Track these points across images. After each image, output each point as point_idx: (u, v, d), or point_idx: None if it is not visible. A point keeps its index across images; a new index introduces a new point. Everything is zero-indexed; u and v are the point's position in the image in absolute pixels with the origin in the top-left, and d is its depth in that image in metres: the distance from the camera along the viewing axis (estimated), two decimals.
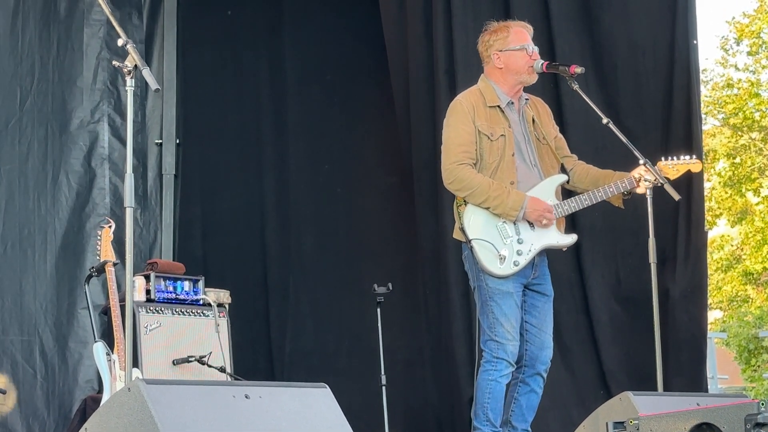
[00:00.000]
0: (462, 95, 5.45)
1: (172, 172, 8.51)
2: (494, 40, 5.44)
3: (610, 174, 5.46)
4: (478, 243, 5.22)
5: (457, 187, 5.24)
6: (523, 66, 5.38)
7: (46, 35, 7.80)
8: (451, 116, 5.37)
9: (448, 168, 5.27)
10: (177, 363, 6.65)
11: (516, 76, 5.39)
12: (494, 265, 5.20)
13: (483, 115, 5.32)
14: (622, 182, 5.37)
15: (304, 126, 8.31)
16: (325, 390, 4.10)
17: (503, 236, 5.23)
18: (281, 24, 8.46)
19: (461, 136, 5.28)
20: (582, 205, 5.36)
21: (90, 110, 8.00)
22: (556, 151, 5.49)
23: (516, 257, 5.22)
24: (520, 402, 5.35)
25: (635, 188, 5.39)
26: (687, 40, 6.68)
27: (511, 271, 5.21)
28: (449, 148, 5.30)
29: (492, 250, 5.21)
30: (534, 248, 5.26)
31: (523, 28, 5.48)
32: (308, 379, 5.25)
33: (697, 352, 6.55)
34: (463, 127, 5.29)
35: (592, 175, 5.51)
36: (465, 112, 5.31)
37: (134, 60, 4.36)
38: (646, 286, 5.83)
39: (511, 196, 5.19)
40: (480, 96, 5.38)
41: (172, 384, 3.87)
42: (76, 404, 7.22)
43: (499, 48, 5.41)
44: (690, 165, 5.59)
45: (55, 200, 7.70)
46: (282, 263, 8.22)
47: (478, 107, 5.33)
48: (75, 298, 7.61)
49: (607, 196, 5.38)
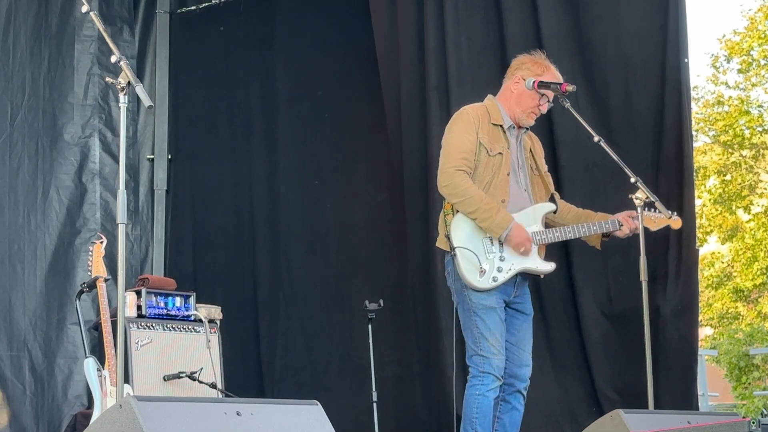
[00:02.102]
0: (469, 106, 5.49)
1: (163, 188, 8.53)
2: (528, 68, 5.47)
3: (592, 214, 5.55)
4: (462, 252, 5.23)
5: (450, 191, 5.26)
6: (528, 106, 5.42)
7: (38, 51, 7.81)
8: (456, 123, 5.41)
9: (445, 171, 5.29)
10: (168, 379, 6.64)
11: (518, 108, 5.43)
12: (473, 277, 5.22)
13: (486, 129, 5.36)
14: (606, 223, 5.43)
15: (295, 142, 8.31)
16: (317, 407, 4.10)
17: (487, 251, 5.26)
18: (273, 40, 8.47)
19: (463, 143, 5.31)
20: (564, 237, 5.42)
21: (81, 126, 8.00)
22: (547, 185, 5.55)
23: (496, 273, 5.24)
24: (503, 420, 5.36)
25: (617, 231, 5.42)
26: (678, 59, 6.69)
27: (488, 285, 5.23)
28: (449, 153, 5.32)
29: (474, 262, 5.23)
30: (514, 268, 5.29)
31: (558, 76, 5.49)
32: (298, 395, 5.25)
33: (688, 369, 6.55)
34: (466, 135, 5.32)
35: (574, 212, 5.59)
36: (470, 122, 5.35)
37: (127, 76, 4.36)
38: (636, 303, 5.83)
39: (500, 214, 5.22)
40: (486, 112, 5.43)
41: (164, 401, 3.86)
42: (66, 420, 7.20)
43: (525, 76, 5.44)
44: (670, 221, 5.62)
45: (45, 215, 7.69)
46: (272, 279, 8.22)
47: (483, 121, 5.37)
48: (65, 314, 7.60)
49: (590, 233, 5.43)
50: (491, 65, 7.08)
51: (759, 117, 24.44)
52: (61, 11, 7.97)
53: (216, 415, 3.75)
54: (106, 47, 7.96)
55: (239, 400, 4.14)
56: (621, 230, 5.43)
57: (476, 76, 7.12)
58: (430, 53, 7.25)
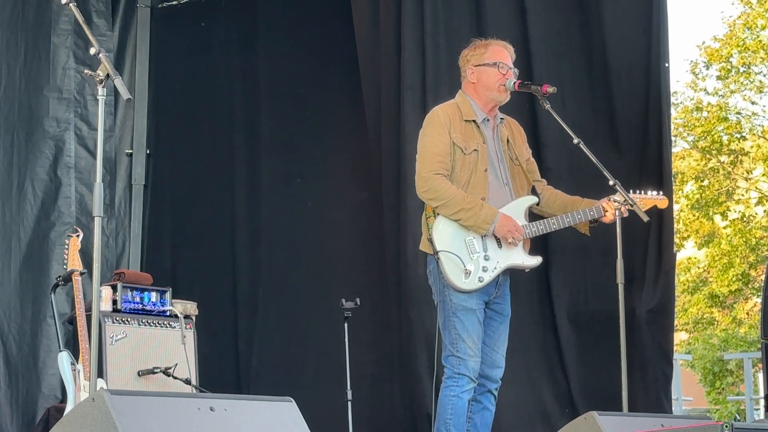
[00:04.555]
0: (439, 107, 5.47)
1: (141, 183, 8.50)
2: (471, 55, 5.49)
3: (579, 201, 5.49)
4: (445, 255, 5.22)
5: (430, 196, 5.24)
6: (494, 83, 5.39)
7: (14, 43, 7.76)
8: (428, 127, 5.38)
9: (423, 177, 5.27)
10: (142, 374, 6.61)
11: (487, 92, 5.41)
12: (459, 279, 5.21)
13: (458, 128, 5.33)
14: (590, 210, 5.39)
15: (276, 139, 8.30)
16: (290, 404, 4.08)
17: (470, 251, 5.23)
18: (255, 37, 8.46)
19: (437, 146, 5.28)
20: (549, 229, 5.39)
21: (56, 119, 7.96)
22: (527, 174, 5.51)
23: (481, 273, 5.22)
24: (475, 420, 5.35)
25: (602, 217, 5.41)
26: (659, 63, 6.72)
27: (474, 286, 5.21)
28: (425, 158, 5.30)
29: (458, 264, 5.21)
30: (499, 266, 5.28)
31: (503, 47, 5.51)
32: (274, 392, 5.22)
33: (663, 373, 6.57)
34: (439, 138, 5.30)
35: (561, 200, 5.54)
36: (441, 124, 5.33)
37: (106, 69, 4.34)
38: (612, 306, 5.84)
39: (484, 210, 5.20)
40: (457, 109, 5.40)
41: (137, 395, 3.84)
42: (40, 413, 7.16)
43: (475, 63, 5.45)
44: (657, 200, 5.63)
45: (20, 208, 7.65)
46: (251, 276, 8.20)
47: (455, 120, 5.35)
48: (39, 307, 7.56)
49: (575, 222, 5.40)
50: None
51: (737, 123, 24.57)
52: (37, 4, 7.91)
53: (189, 410, 3.74)
54: (83, 41, 7.95)
55: (213, 395, 4.12)
56: (606, 216, 5.40)
57: (454, 76, 7.12)
58: (406, 53, 7.24)
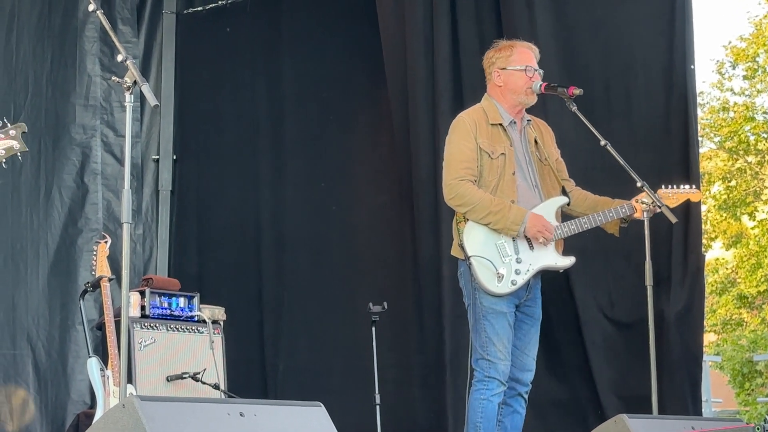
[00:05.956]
0: (465, 112, 5.46)
1: (168, 188, 8.52)
2: (497, 58, 5.47)
3: (609, 200, 5.48)
4: (477, 260, 5.20)
5: (458, 202, 5.24)
6: (522, 86, 5.38)
7: (41, 50, 7.81)
8: (454, 132, 5.38)
9: (449, 184, 5.26)
10: (171, 379, 6.63)
11: (514, 95, 5.40)
12: (492, 283, 5.19)
13: (485, 132, 5.32)
14: (622, 207, 5.38)
15: (300, 143, 8.30)
16: (320, 408, 4.09)
17: (502, 255, 5.22)
18: (279, 41, 8.46)
19: (463, 152, 5.28)
20: (581, 228, 5.36)
21: (83, 126, 8.00)
22: (557, 174, 5.49)
23: (514, 276, 5.21)
24: (505, 424, 5.34)
25: (634, 214, 5.38)
26: (684, 65, 6.68)
27: (508, 290, 5.20)
28: (451, 164, 5.30)
29: (490, 268, 5.20)
30: (532, 268, 5.26)
31: (528, 49, 5.49)
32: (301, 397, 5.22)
33: (692, 375, 6.53)
34: (465, 143, 5.29)
35: (590, 200, 5.53)
36: (467, 129, 5.32)
37: (133, 75, 4.35)
38: (639, 308, 5.82)
39: (512, 211, 5.18)
40: (483, 114, 5.39)
41: (167, 401, 3.85)
42: (69, 419, 7.20)
43: (501, 66, 5.43)
44: (689, 194, 5.63)
45: (48, 215, 7.69)
46: (277, 281, 8.21)
47: (480, 124, 5.34)
48: (67, 313, 7.60)
49: (607, 220, 5.38)
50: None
51: (764, 123, 24.44)
52: (64, 11, 7.97)
53: (219, 416, 3.74)
54: (109, 48, 7.99)
55: (242, 400, 4.13)
56: (638, 212, 5.38)
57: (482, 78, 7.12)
58: (440, 56, 7.24)
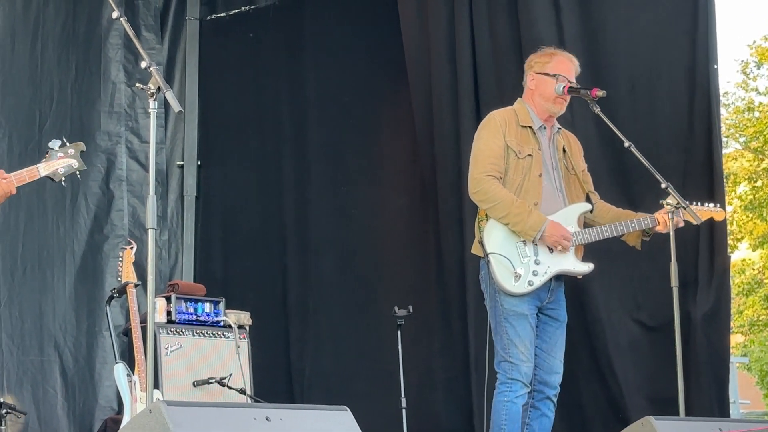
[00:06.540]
0: (496, 111, 5.49)
1: (193, 194, 8.56)
2: (536, 62, 5.50)
3: (632, 214, 5.50)
4: (495, 258, 5.22)
5: (481, 198, 5.25)
6: (551, 94, 5.40)
7: (65, 58, 7.87)
8: (483, 129, 5.40)
9: (475, 178, 5.28)
10: (197, 385, 6.66)
11: (543, 101, 5.41)
12: (509, 282, 5.20)
13: (514, 132, 5.35)
14: (645, 220, 5.40)
15: (323, 147, 8.32)
16: (346, 412, 4.09)
17: (521, 255, 5.23)
18: (302, 46, 8.48)
19: (491, 148, 5.29)
20: (602, 236, 5.37)
21: (108, 133, 8.05)
22: (583, 185, 5.50)
23: (531, 277, 5.21)
24: (533, 427, 5.33)
25: (656, 227, 5.40)
26: (707, 65, 6.66)
27: (524, 290, 5.20)
28: (478, 159, 5.31)
29: (508, 267, 5.20)
30: (550, 271, 5.26)
31: (568, 60, 5.50)
32: (327, 401, 5.24)
33: (719, 376, 6.50)
34: (494, 140, 5.31)
35: (614, 212, 5.55)
36: (497, 126, 5.34)
37: (157, 82, 4.37)
38: (664, 310, 5.79)
39: (532, 217, 5.19)
40: (514, 114, 5.42)
41: (193, 406, 3.87)
42: (97, 424, 7.24)
43: (537, 70, 5.46)
44: (713, 213, 5.64)
45: (74, 222, 7.75)
46: (302, 285, 8.22)
47: (510, 124, 5.36)
48: (94, 319, 7.65)
49: (628, 230, 5.40)
50: (518, 69, 7.08)
51: None
52: (88, 19, 8.03)
53: (245, 421, 3.75)
54: (132, 55, 8.04)
55: (269, 405, 4.13)
56: (660, 225, 5.39)
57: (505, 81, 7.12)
58: (463, 59, 7.25)
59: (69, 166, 4.67)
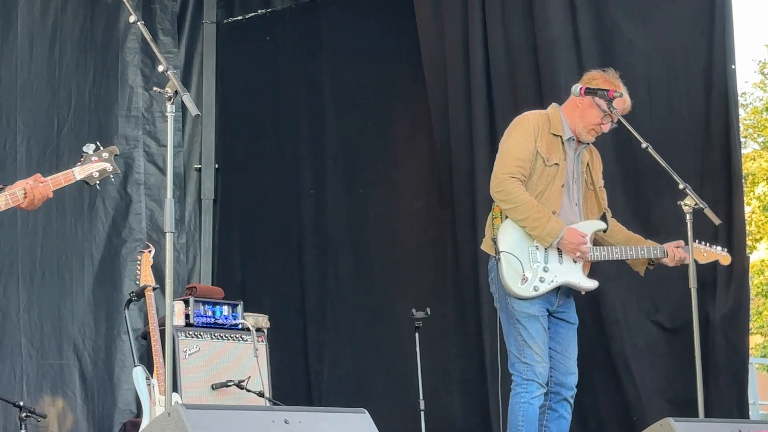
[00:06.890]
0: (531, 113, 5.47)
1: (211, 197, 8.58)
2: (597, 84, 5.42)
3: (641, 239, 5.55)
4: (506, 257, 5.22)
5: (502, 198, 5.24)
6: (590, 122, 5.37)
7: (83, 63, 7.89)
8: (515, 128, 5.38)
9: (499, 177, 5.26)
10: (216, 387, 6.66)
11: (580, 124, 5.39)
12: (515, 283, 5.20)
13: (545, 138, 5.33)
14: (655, 249, 5.44)
15: (340, 151, 8.33)
16: (364, 415, 4.09)
17: (532, 259, 5.23)
18: (319, 49, 8.49)
19: (520, 150, 5.28)
20: (612, 257, 5.40)
21: (125, 136, 8.07)
22: (600, 201, 5.51)
23: (537, 283, 5.22)
24: (551, 429, 5.33)
25: (664, 258, 5.43)
26: (725, 66, 6.63)
27: (528, 294, 5.21)
28: (505, 159, 5.30)
29: (517, 268, 5.21)
30: (556, 281, 5.27)
31: (623, 100, 5.44)
32: (346, 404, 5.25)
33: (738, 377, 6.48)
34: (524, 142, 5.29)
35: (625, 234, 5.58)
36: (530, 129, 5.32)
37: (174, 86, 4.38)
38: (682, 311, 5.78)
39: (551, 222, 5.19)
40: (547, 120, 5.39)
41: (212, 409, 3.88)
42: (116, 428, 7.25)
43: None
44: (720, 256, 5.69)
45: (92, 226, 7.77)
46: (319, 288, 8.23)
47: (543, 130, 5.34)
48: (113, 323, 7.67)
49: (638, 256, 5.44)
50: (531, 70, 7.07)
51: None
52: (105, 24, 8.05)
53: (264, 423, 3.76)
54: (150, 59, 8.06)
55: (287, 408, 4.14)
56: (668, 258, 5.42)
57: (518, 82, 7.12)
58: (476, 62, 7.25)
59: (103, 169, 4.70)
